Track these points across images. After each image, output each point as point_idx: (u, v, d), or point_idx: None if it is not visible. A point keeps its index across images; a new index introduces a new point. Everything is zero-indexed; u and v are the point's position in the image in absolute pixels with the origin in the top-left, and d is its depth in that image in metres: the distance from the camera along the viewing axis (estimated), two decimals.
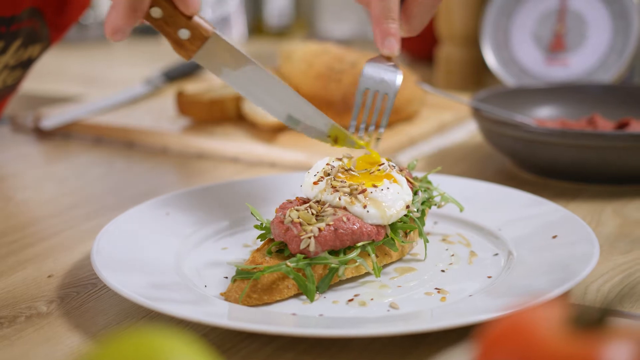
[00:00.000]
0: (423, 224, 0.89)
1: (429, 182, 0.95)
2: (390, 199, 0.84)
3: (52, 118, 1.49)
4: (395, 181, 0.87)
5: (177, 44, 0.82)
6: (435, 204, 0.94)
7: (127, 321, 0.78)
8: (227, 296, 0.79)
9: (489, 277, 0.84)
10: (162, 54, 2.39)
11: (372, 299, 0.79)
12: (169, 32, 0.81)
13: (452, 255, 0.90)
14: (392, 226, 0.85)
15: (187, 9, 0.80)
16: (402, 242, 0.85)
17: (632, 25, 1.50)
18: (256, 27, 2.71)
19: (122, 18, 0.76)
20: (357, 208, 0.83)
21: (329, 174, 0.87)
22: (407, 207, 0.86)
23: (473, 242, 0.93)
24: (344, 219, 0.81)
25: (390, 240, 0.84)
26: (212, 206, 1.00)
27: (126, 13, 0.75)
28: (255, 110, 1.41)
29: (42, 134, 1.49)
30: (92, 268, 0.82)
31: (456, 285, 0.83)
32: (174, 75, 1.86)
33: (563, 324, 0.45)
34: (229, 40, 0.84)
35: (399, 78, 0.90)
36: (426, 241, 0.88)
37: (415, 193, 0.91)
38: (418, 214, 0.89)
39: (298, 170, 1.26)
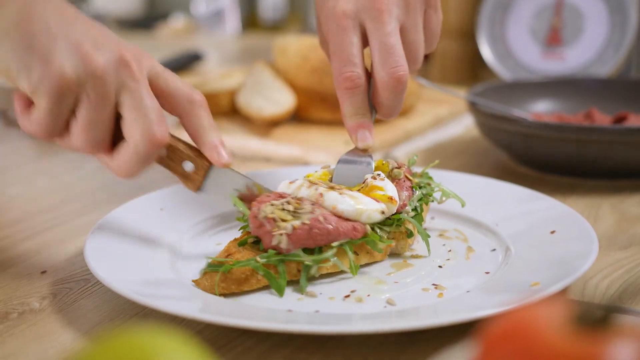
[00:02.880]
0: (420, 221, 0.89)
1: (430, 178, 0.94)
2: (366, 201, 0.83)
3: None
4: (379, 197, 0.85)
5: (184, 177, 0.85)
6: (434, 200, 0.94)
7: (120, 318, 0.77)
8: (197, 283, 0.79)
9: (487, 272, 0.83)
10: (155, 47, 2.38)
11: (368, 295, 0.78)
12: (174, 167, 0.85)
13: (450, 250, 0.89)
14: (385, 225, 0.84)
15: (219, 163, 0.83)
16: (383, 241, 0.83)
17: (629, 19, 1.49)
18: (250, 21, 2.70)
19: (136, 165, 0.79)
20: (333, 194, 0.82)
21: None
22: (383, 212, 0.83)
23: (470, 238, 0.93)
24: (321, 218, 0.80)
25: (372, 240, 0.82)
26: (206, 201, 0.99)
27: (141, 161, 0.79)
28: (250, 104, 1.40)
29: None
30: (85, 264, 0.81)
31: (453, 281, 0.82)
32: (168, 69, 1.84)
33: (566, 323, 0.44)
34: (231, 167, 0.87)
35: (372, 171, 0.90)
36: (427, 236, 0.87)
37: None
38: (412, 213, 0.88)
39: (293, 165, 1.25)
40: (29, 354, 0.72)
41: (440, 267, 0.85)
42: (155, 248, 0.87)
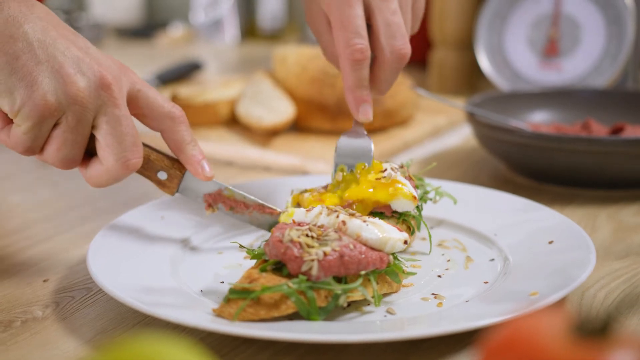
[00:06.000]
0: (420, 218, 0.90)
1: (421, 180, 0.96)
2: (389, 229, 0.81)
3: None
4: (403, 195, 0.87)
5: (159, 184, 0.90)
6: (430, 199, 0.95)
7: (122, 326, 0.78)
8: (220, 312, 0.74)
9: (486, 282, 0.84)
10: (155, 57, 2.39)
11: (369, 304, 0.79)
12: (149, 175, 0.90)
13: (449, 260, 0.90)
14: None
15: (203, 177, 0.88)
16: (405, 273, 0.83)
17: (626, 30, 1.50)
18: (249, 30, 2.71)
19: (108, 182, 0.83)
20: (356, 221, 0.80)
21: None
22: (405, 242, 0.81)
23: (469, 247, 0.93)
24: (351, 246, 0.77)
25: (393, 270, 0.80)
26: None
27: (112, 180, 0.83)
28: (250, 113, 1.41)
29: None
30: (88, 272, 0.82)
31: (453, 290, 0.83)
32: (167, 78, 1.85)
33: (565, 333, 0.45)
34: None
35: (372, 148, 0.94)
36: (429, 235, 0.90)
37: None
38: (416, 212, 0.89)
39: (292, 174, 1.26)
40: None
41: (439, 276, 0.86)
42: (157, 256, 0.88)
